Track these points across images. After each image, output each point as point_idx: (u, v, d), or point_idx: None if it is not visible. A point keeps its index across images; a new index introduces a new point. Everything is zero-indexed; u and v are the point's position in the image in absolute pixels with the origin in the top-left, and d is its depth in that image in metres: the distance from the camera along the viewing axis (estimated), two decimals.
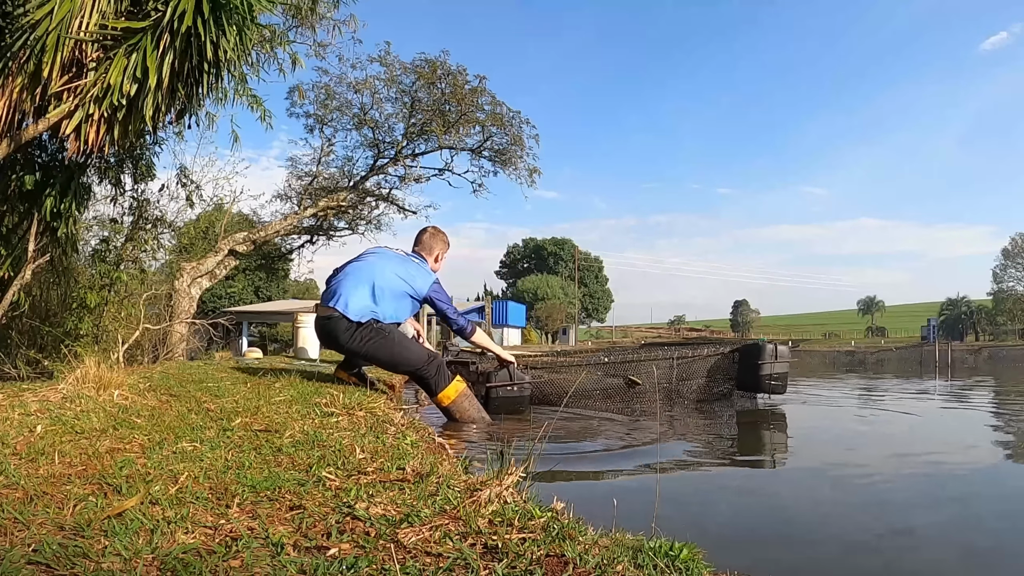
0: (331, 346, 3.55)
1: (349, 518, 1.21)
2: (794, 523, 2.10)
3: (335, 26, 8.98)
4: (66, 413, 2.15)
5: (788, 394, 5.41)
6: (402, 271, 3.51)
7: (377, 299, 3.41)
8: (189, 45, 3.14)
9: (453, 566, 1.01)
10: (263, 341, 28.62)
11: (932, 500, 2.45)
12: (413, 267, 3.55)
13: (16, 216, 4.18)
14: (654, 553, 1.08)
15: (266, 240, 12.26)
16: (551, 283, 65.48)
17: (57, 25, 3.02)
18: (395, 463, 1.65)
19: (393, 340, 3.41)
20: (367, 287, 3.41)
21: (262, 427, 2.11)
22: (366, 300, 3.39)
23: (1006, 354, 25.18)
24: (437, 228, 3.87)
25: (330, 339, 3.47)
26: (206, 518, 1.20)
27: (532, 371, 4.68)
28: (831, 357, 22.53)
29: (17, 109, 3.20)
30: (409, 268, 3.53)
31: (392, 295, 3.45)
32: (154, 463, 1.58)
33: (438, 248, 3.78)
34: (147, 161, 5.30)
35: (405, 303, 3.53)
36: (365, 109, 12.53)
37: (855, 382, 10.13)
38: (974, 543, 1.93)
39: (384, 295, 3.42)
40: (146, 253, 6.44)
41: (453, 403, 3.48)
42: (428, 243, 3.76)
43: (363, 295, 3.39)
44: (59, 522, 1.14)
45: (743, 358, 5.18)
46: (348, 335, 3.36)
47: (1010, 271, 60.72)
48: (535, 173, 13.37)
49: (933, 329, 27.43)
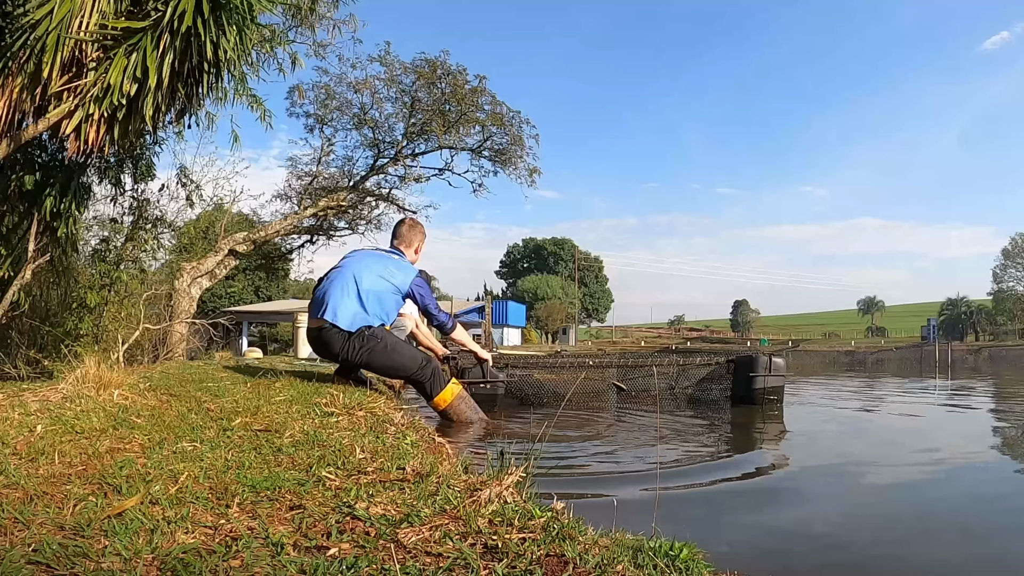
0: (326, 356, 3.57)
1: (349, 518, 1.21)
2: (794, 523, 2.10)
3: (335, 26, 9.00)
4: (66, 413, 2.15)
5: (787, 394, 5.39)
6: (383, 271, 3.52)
7: (365, 304, 3.42)
8: (189, 45, 3.14)
9: (453, 566, 1.01)
10: (263, 341, 28.62)
11: (933, 500, 2.45)
12: (393, 264, 3.58)
13: (16, 216, 4.18)
14: (654, 553, 1.08)
15: (266, 240, 12.27)
16: (551, 283, 65.48)
17: (57, 25, 3.03)
18: (395, 463, 1.65)
19: (387, 347, 3.42)
20: (353, 294, 3.42)
21: (262, 427, 2.11)
22: (355, 307, 3.40)
23: (1006, 354, 25.16)
24: (415, 220, 3.93)
25: (325, 350, 3.49)
26: (206, 518, 1.20)
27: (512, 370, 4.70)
28: (831, 357, 22.50)
29: (17, 109, 3.20)
30: (389, 266, 3.56)
31: (378, 297, 3.46)
32: (154, 463, 1.58)
33: (417, 240, 3.83)
34: (147, 161, 5.31)
35: (391, 301, 3.54)
36: (365, 109, 12.54)
37: (855, 382, 10.12)
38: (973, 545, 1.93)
39: (370, 298, 3.43)
40: (146, 253, 6.44)
41: (449, 406, 3.50)
42: (407, 236, 3.80)
43: (351, 303, 3.41)
44: (59, 522, 1.14)
45: (737, 370, 5.10)
46: (342, 345, 3.38)
47: (1010, 271, 60.69)
48: (535, 173, 13.37)
49: (933, 329, 27.44)
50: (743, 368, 5.04)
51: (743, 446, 3.56)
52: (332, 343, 3.39)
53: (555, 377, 4.98)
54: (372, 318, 3.42)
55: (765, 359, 4.95)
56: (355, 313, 3.39)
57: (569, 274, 70.18)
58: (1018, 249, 59.97)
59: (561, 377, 5.01)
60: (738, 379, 5.07)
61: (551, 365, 5.31)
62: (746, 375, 4.96)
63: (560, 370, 5.22)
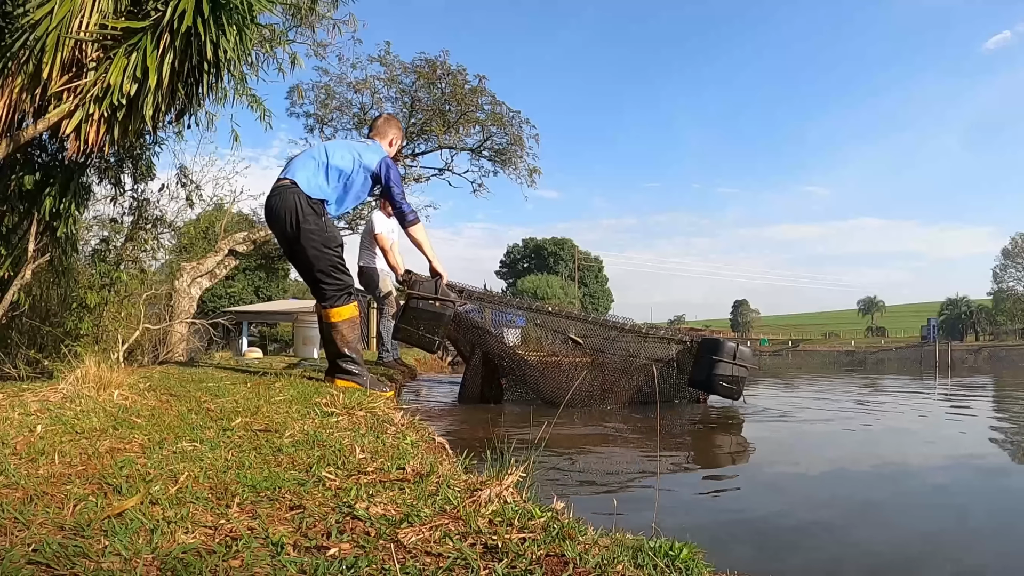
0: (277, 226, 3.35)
1: (349, 518, 1.21)
2: (794, 524, 2.10)
3: (335, 26, 8.98)
4: (66, 413, 2.15)
5: (787, 396, 5.37)
6: (353, 149, 3.42)
7: (329, 179, 3.32)
8: (189, 45, 3.14)
9: (453, 566, 1.01)
10: (263, 341, 28.61)
11: (932, 501, 2.46)
12: (362, 145, 3.50)
13: (16, 216, 4.18)
14: (654, 553, 1.08)
15: (266, 240, 12.24)
16: (551, 283, 65.44)
17: (57, 25, 3.03)
18: (395, 463, 1.65)
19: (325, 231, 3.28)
20: (320, 166, 3.32)
21: (262, 427, 2.11)
22: (319, 179, 3.30)
23: (1006, 354, 25.20)
24: (391, 115, 3.86)
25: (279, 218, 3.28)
26: (206, 518, 1.20)
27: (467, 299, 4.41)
28: (831, 357, 22.53)
29: (17, 109, 3.20)
30: (357, 146, 3.47)
31: (341, 175, 3.35)
32: (154, 463, 1.57)
33: (391, 132, 3.72)
34: (147, 161, 5.30)
35: (356, 184, 3.41)
36: (365, 109, 12.54)
37: (855, 382, 10.12)
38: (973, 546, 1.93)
39: (332, 173, 3.33)
40: (146, 253, 6.43)
41: (342, 322, 3.36)
42: (382, 128, 3.70)
43: (315, 172, 3.31)
44: (59, 522, 1.14)
45: (699, 352, 4.75)
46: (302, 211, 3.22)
47: (1010, 271, 60.74)
48: (535, 173, 13.38)
49: (933, 329, 27.47)
50: (705, 351, 4.69)
51: (743, 447, 3.56)
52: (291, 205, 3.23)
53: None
54: (332, 196, 3.32)
55: (732, 345, 4.65)
56: (317, 185, 3.29)
57: (569, 274, 70.17)
58: (1018, 249, 60.01)
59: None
60: (699, 362, 4.72)
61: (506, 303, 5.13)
62: (708, 358, 4.62)
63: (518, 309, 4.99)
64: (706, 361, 4.63)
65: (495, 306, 4.95)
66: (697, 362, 4.75)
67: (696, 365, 4.76)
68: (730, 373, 4.55)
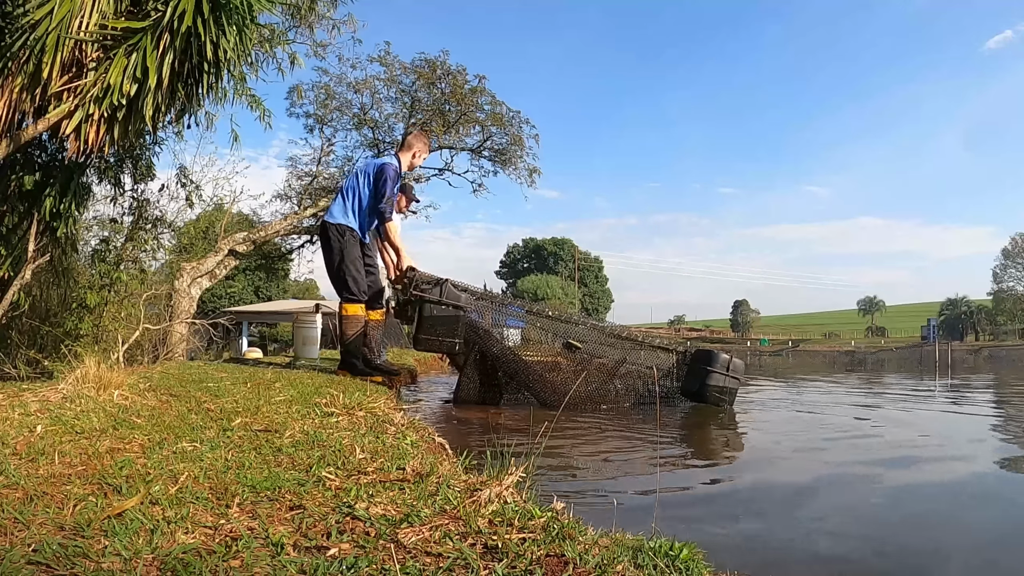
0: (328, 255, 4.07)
1: (349, 518, 1.21)
2: (794, 523, 2.10)
3: (334, 26, 8.98)
4: (66, 413, 2.15)
5: (787, 394, 5.37)
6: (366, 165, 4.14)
7: (346, 202, 4.04)
8: (189, 45, 3.14)
9: (453, 566, 1.01)
10: (263, 341, 28.60)
11: (931, 502, 2.45)
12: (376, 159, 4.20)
13: (16, 216, 4.17)
14: (654, 553, 1.08)
15: (266, 240, 12.26)
16: (551, 283, 65.42)
17: (57, 25, 3.02)
18: (395, 463, 1.65)
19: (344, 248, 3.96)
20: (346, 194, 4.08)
21: (262, 427, 2.11)
22: (341, 203, 4.07)
23: (1006, 354, 25.20)
24: (423, 130, 4.32)
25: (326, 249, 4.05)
26: (206, 518, 1.20)
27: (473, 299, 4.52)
28: (831, 357, 22.52)
29: (17, 109, 3.20)
30: (372, 159, 4.21)
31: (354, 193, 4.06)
32: (154, 463, 1.57)
33: (416, 145, 4.26)
34: (147, 161, 5.30)
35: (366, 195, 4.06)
36: (365, 109, 12.53)
37: (855, 381, 10.13)
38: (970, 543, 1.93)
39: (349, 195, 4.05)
40: (146, 253, 6.43)
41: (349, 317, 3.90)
42: (409, 141, 4.31)
43: (339, 200, 4.09)
44: (59, 522, 1.14)
45: (693, 362, 4.84)
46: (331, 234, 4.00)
47: (1010, 271, 60.76)
48: (535, 173, 13.36)
49: (933, 329, 27.46)
50: (699, 361, 4.75)
51: (742, 447, 3.56)
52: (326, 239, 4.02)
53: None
54: (350, 216, 4.03)
55: (725, 357, 4.68)
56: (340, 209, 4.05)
57: (569, 274, 70.15)
58: (1018, 249, 60.00)
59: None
60: (692, 371, 4.77)
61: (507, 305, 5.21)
62: (701, 368, 4.67)
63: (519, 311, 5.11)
64: (699, 371, 4.70)
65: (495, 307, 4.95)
66: (690, 372, 4.81)
67: (689, 375, 4.82)
68: (722, 384, 4.65)
